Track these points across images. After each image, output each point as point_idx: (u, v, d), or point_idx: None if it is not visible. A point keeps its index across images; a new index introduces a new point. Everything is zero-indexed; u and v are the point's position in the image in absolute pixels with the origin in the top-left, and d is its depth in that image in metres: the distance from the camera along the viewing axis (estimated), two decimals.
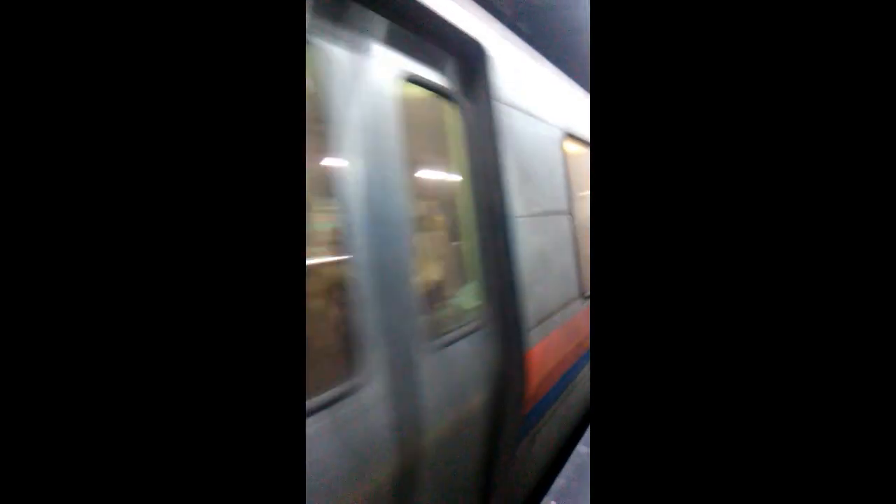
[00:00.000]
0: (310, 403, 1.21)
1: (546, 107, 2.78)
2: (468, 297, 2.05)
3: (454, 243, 2.09)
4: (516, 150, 2.21)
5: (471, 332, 1.92)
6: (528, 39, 6.65)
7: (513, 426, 2.13)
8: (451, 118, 2.01)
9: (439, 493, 1.71)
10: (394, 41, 1.67)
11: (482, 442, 2.00)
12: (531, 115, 2.49)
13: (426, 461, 1.62)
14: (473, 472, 1.97)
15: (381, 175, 1.53)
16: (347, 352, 1.37)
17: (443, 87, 1.92)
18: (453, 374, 1.77)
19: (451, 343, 1.79)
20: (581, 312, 3.01)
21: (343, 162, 1.40)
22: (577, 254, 3.01)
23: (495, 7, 5.69)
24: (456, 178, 2.06)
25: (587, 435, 3.30)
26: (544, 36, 6.57)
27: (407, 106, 1.71)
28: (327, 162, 1.39)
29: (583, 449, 3.11)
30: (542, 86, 2.78)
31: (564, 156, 3.02)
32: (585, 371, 3.33)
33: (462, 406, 1.80)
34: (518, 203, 2.16)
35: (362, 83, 1.50)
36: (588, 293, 3.19)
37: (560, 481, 2.82)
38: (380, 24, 1.60)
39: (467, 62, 2.06)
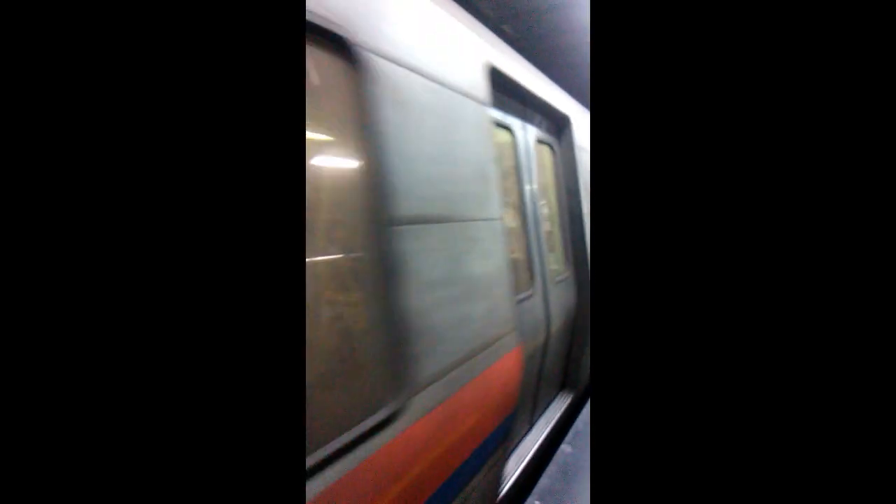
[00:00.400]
0: (520, 296, 2.64)
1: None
2: (562, 259, 3.67)
3: (555, 229, 3.66)
4: (581, 173, 3.86)
5: (565, 279, 3.50)
6: (512, 41, 6.71)
7: (582, 339, 3.77)
8: (550, 157, 3.67)
9: (551, 361, 3.28)
10: (534, 121, 3.29)
11: (568, 342, 3.67)
12: (585, 150, 4.14)
13: (550, 342, 3.14)
14: (563, 357, 3.64)
15: (532, 191, 3.06)
16: (530, 278, 2.87)
17: (549, 141, 3.59)
18: (560, 299, 3.33)
19: (558, 283, 3.34)
20: None
21: (523, 185, 2.95)
22: None
23: (478, 9, 5.72)
24: (553, 191, 3.67)
25: (571, 435, 3.34)
26: (529, 38, 6.63)
27: (538, 154, 3.34)
28: (516, 186, 2.86)
29: (567, 448, 3.15)
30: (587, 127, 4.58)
31: None
32: None
33: (562, 318, 3.35)
34: (585, 206, 3.79)
35: (525, 145, 3.06)
36: None
37: (544, 481, 2.85)
38: (530, 114, 3.23)
39: (559, 125, 3.81)
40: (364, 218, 1.34)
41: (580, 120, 4.07)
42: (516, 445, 2.85)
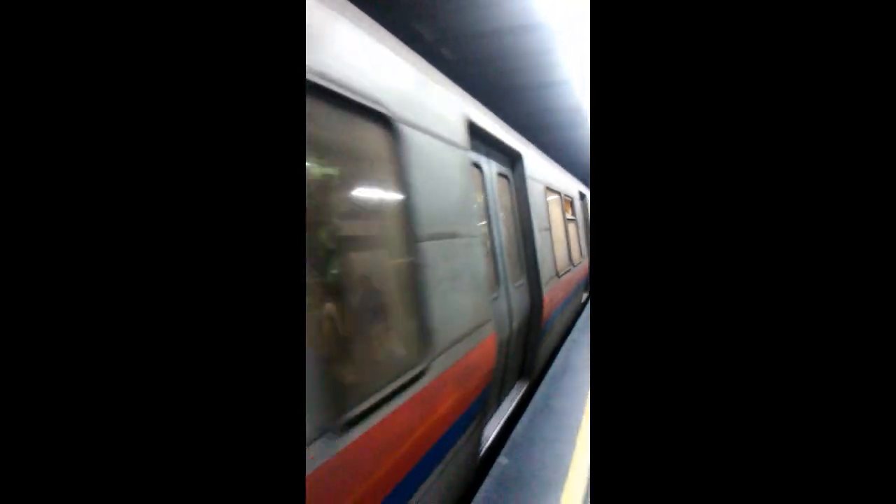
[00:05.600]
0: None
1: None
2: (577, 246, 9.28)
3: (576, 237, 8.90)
4: (586, 209, 11.07)
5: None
6: (449, 65, 6.93)
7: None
8: (583, 207, 10.35)
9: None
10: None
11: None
12: (585, 196, 11.06)
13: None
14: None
15: (577, 223, 9.07)
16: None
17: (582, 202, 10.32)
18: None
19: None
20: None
21: (579, 221, 9.35)
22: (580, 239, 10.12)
23: (418, 32, 5.86)
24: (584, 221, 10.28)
25: (508, 447, 3.38)
26: (466, 63, 6.88)
27: (583, 210, 10.65)
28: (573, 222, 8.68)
29: (503, 461, 3.18)
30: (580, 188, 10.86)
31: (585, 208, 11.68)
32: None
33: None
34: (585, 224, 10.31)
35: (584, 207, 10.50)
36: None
37: (481, 495, 2.85)
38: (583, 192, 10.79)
39: (582, 194, 10.22)
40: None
41: (586, 191, 9.79)
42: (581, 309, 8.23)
